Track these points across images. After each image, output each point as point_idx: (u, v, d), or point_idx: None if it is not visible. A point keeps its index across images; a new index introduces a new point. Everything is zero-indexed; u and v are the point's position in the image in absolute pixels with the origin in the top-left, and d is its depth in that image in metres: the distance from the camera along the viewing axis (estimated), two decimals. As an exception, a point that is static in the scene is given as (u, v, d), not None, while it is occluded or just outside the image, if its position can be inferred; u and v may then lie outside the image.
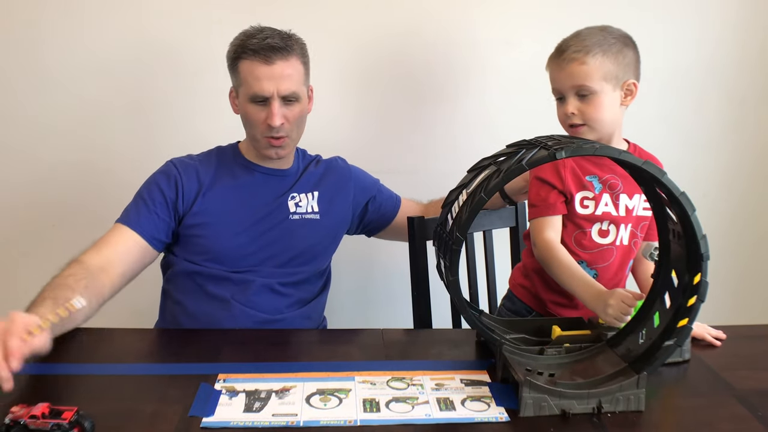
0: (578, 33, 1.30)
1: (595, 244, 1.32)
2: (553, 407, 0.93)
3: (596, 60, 1.25)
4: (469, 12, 1.82)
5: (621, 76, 1.27)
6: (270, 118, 1.35)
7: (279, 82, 1.34)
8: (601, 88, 1.26)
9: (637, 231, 1.35)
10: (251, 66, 1.35)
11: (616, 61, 1.26)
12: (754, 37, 1.89)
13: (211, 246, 1.38)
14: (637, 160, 0.89)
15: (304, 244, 1.44)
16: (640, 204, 1.33)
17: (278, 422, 0.91)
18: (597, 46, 1.26)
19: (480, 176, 0.96)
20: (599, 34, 1.28)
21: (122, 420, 0.90)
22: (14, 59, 1.77)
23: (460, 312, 1.02)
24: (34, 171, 1.84)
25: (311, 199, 1.47)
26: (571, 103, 1.28)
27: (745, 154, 1.97)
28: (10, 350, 0.91)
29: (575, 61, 1.25)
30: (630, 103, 1.33)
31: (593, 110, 1.27)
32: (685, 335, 0.96)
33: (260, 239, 1.41)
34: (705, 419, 0.95)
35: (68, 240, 1.87)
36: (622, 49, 1.28)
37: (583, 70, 1.25)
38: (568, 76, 1.27)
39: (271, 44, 1.34)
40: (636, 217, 1.33)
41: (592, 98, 1.26)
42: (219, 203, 1.40)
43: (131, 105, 1.81)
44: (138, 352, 1.15)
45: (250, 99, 1.36)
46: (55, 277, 1.19)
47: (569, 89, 1.28)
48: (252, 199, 1.42)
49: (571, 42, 1.28)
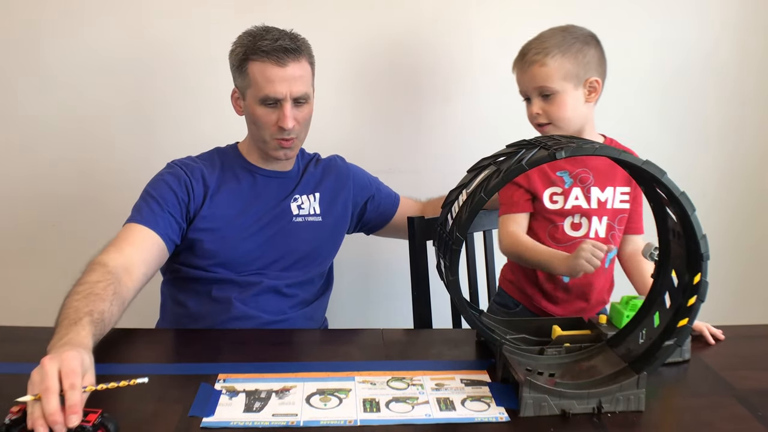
0: (540, 35, 1.35)
1: (568, 237, 1.35)
2: (553, 407, 0.93)
3: (555, 61, 1.29)
4: (468, 12, 1.82)
5: (582, 74, 1.31)
6: (282, 120, 1.33)
7: (291, 83, 1.33)
8: (562, 88, 1.30)
9: (614, 224, 1.37)
10: (263, 68, 1.32)
11: (575, 61, 1.30)
12: (754, 36, 1.89)
13: (218, 251, 1.36)
14: (637, 160, 0.89)
15: (308, 247, 1.44)
16: (616, 197, 1.36)
17: (278, 422, 0.91)
18: (556, 47, 1.30)
19: (480, 176, 0.96)
20: (559, 35, 1.32)
21: (122, 420, 0.90)
22: (14, 59, 1.77)
23: (460, 312, 1.02)
24: (34, 170, 1.84)
25: (313, 200, 1.47)
26: (535, 104, 1.33)
27: (745, 154, 1.97)
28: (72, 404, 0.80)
29: (535, 64, 1.31)
30: (595, 100, 1.35)
31: (556, 109, 1.31)
32: (685, 335, 0.96)
33: (266, 244, 1.40)
34: (705, 419, 0.95)
35: (68, 239, 1.89)
36: (582, 48, 1.31)
37: (543, 72, 1.30)
38: (530, 78, 1.32)
39: (284, 46, 1.32)
40: (612, 210, 1.36)
41: (555, 98, 1.31)
42: (225, 208, 1.38)
43: (131, 104, 1.81)
44: (138, 352, 1.15)
45: (261, 101, 1.34)
46: (81, 283, 1.09)
47: (533, 90, 1.33)
48: (256, 203, 1.41)
49: (532, 45, 1.33)
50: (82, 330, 0.97)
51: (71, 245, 1.89)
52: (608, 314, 1.16)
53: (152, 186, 1.37)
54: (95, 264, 1.15)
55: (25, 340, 1.17)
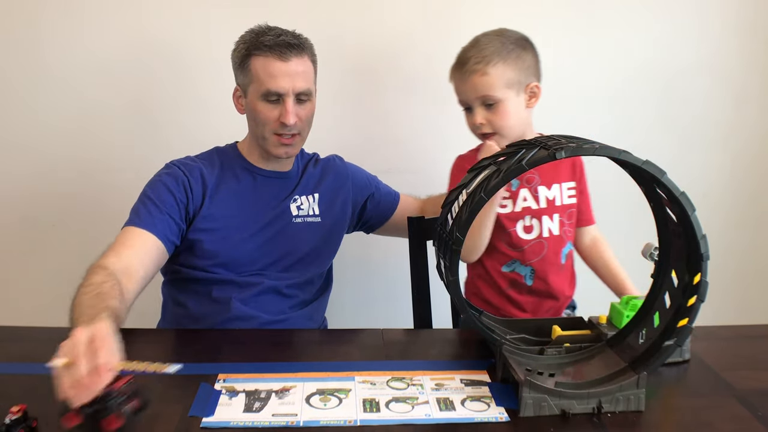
0: (476, 42, 1.31)
1: (523, 241, 1.34)
2: (553, 407, 0.93)
3: (497, 69, 1.27)
4: (467, 12, 1.82)
5: (523, 80, 1.30)
6: (284, 116, 1.32)
7: (294, 79, 1.32)
8: (505, 96, 1.28)
9: (565, 219, 1.36)
10: (265, 62, 1.32)
11: (516, 67, 1.28)
12: (754, 36, 1.89)
13: (218, 252, 1.36)
14: (637, 160, 0.89)
15: (308, 247, 1.44)
16: (563, 192, 1.36)
17: (278, 422, 0.91)
18: (496, 54, 1.27)
19: (480, 176, 0.96)
20: (497, 40, 1.29)
21: (122, 420, 0.90)
22: (14, 58, 1.77)
23: (460, 312, 1.02)
24: (34, 170, 1.84)
25: (312, 201, 1.47)
26: (478, 114, 1.30)
27: (745, 154, 1.97)
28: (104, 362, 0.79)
29: (477, 73, 1.28)
30: (535, 105, 1.34)
31: (500, 118, 1.29)
32: (685, 335, 0.96)
33: (266, 245, 1.40)
34: (705, 419, 0.95)
35: (68, 239, 1.89)
36: (521, 54, 1.29)
37: (486, 81, 1.28)
38: (471, 87, 1.29)
39: (286, 41, 1.32)
40: (561, 207, 1.36)
41: (498, 107, 1.29)
42: (224, 208, 1.38)
43: (131, 104, 1.81)
44: (138, 352, 1.15)
45: (263, 96, 1.33)
46: (87, 285, 1.07)
47: (474, 100, 1.30)
48: (256, 203, 1.41)
49: (471, 53, 1.30)
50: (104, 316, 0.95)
51: (71, 245, 1.89)
52: (608, 314, 1.16)
53: (150, 187, 1.35)
54: (96, 267, 1.14)
55: (26, 340, 1.17)
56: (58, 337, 1.16)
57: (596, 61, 1.87)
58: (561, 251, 1.37)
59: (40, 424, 0.86)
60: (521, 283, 1.36)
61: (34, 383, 0.99)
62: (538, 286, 1.37)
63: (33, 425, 0.85)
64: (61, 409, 0.79)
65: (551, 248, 1.35)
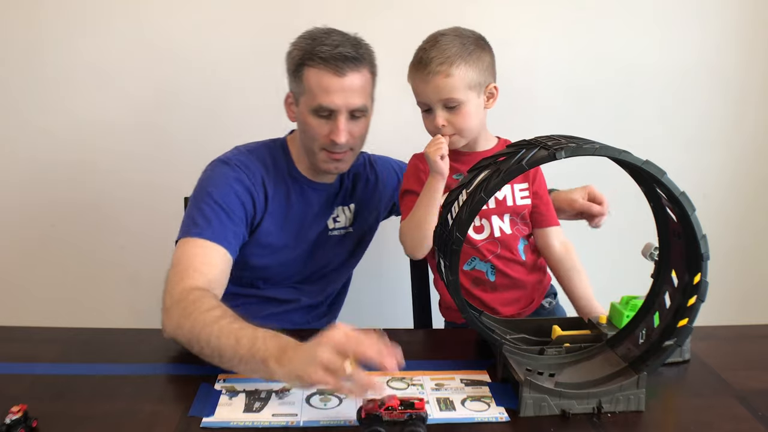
0: (436, 41, 1.25)
1: (475, 241, 1.32)
2: (553, 407, 0.93)
3: (460, 71, 1.23)
4: (466, 12, 1.82)
5: (483, 81, 1.27)
6: (335, 133, 1.25)
7: (348, 95, 1.24)
8: (468, 98, 1.25)
9: (517, 219, 1.34)
10: (319, 76, 1.23)
11: (477, 68, 1.25)
12: (754, 36, 1.89)
13: (266, 266, 1.31)
14: (637, 160, 0.89)
15: (341, 259, 1.42)
16: (515, 194, 1.33)
17: (278, 422, 0.91)
18: (458, 56, 1.23)
19: (480, 176, 0.96)
20: (458, 41, 1.25)
21: (122, 420, 0.90)
22: (13, 61, 1.77)
23: (460, 312, 1.02)
24: (34, 170, 1.84)
25: (348, 213, 1.42)
26: (440, 116, 1.26)
27: (745, 154, 1.97)
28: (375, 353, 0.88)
29: (440, 74, 1.23)
30: (493, 106, 1.32)
31: (462, 120, 1.26)
32: (685, 335, 0.96)
33: (303, 259, 1.36)
34: (705, 419, 0.95)
35: (68, 239, 1.89)
36: (481, 55, 1.27)
37: (449, 83, 1.23)
38: (434, 89, 1.24)
39: (343, 53, 1.22)
40: (512, 207, 1.33)
41: (460, 108, 1.25)
42: (275, 222, 1.32)
43: (131, 104, 1.81)
44: (138, 352, 1.15)
45: (314, 111, 1.25)
46: (207, 310, 1.02)
47: (437, 102, 1.26)
48: (302, 218, 1.36)
49: (433, 53, 1.24)
50: (267, 333, 0.96)
51: (71, 245, 1.89)
52: (608, 314, 1.16)
53: (216, 189, 1.25)
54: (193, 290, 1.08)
55: (25, 340, 1.17)
56: (58, 337, 1.17)
57: (596, 61, 1.87)
58: (517, 248, 1.35)
59: (40, 424, 0.86)
60: (485, 280, 1.34)
61: (34, 383, 0.99)
62: (501, 282, 1.34)
63: (33, 425, 0.85)
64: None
65: (505, 246, 1.33)
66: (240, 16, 1.76)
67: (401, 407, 0.87)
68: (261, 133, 1.43)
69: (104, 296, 1.93)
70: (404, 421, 0.86)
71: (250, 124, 1.76)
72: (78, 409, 0.92)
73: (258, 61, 1.76)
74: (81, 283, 1.92)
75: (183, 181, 1.44)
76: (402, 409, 0.87)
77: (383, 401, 0.87)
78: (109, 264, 1.91)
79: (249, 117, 1.79)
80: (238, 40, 1.77)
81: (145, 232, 1.85)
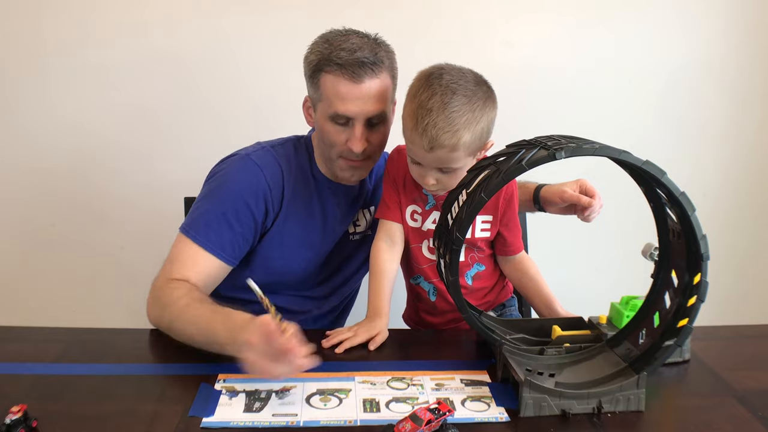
0: (444, 106, 1.11)
1: (426, 259, 1.30)
2: (553, 407, 0.93)
3: (465, 143, 1.13)
4: (465, 12, 1.82)
5: (482, 144, 1.19)
6: (352, 141, 1.21)
7: (366, 103, 1.19)
8: (466, 162, 1.17)
9: (473, 248, 1.30)
10: (335, 82, 1.18)
11: (480, 136, 1.15)
12: (754, 37, 1.89)
13: (279, 269, 1.30)
14: (637, 160, 0.89)
15: (358, 262, 1.42)
16: (476, 226, 1.27)
17: (278, 422, 0.91)
18: (466, 128, 1.12)
19: (480, 176, 0.96)
20: (467, 106, 1.12)
21: (122, 420, 0.90)
22: (14, 58, 1.77)
23: (460, 312, 1.02)
24: (34, 170, 1.84)
25: (369, 215, 1.41)
26: (431, 176, 1.18)
27: (745, 155, 1.97)
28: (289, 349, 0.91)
29: (445, 148, 1.12)
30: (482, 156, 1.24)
31: (454, 181, 1.14)
32: (685, 335, 0.96)
33: (323, 262, 1.35)
34: (705, 419, 0.95)
35: (68, 239, 1.89)
36: (489, 115, 1.16)
37: (453, 156, 1.14)
38: (434, 158, 1.15)
39: (361, 59, 1.17)
40: (469, 239, 1.27)
41: (456, 172, 1.17)
42: (295, 225, 1.30)
43: (130, 105, 1.82)
44: (138, 352, 1.15)
45: (331, 117, 1.21)
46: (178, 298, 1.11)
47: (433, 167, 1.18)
48: (323, 221, 1.33)
49: (439, 122, 1.11)
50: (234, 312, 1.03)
51: (71, 245, 1.89)
52: (608, 314, 1.16)
53: (228, 197, 1.23)
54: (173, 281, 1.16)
55: (26, 340, 1.17)
56: (58, 337, 1.17)
57: (596, 61, 1.87)
58: (465, 274, 1.31)
59: (40, 424, 0.86)
60: (425, 298, 1.33)
61: (34, 383, 0.99)
62: (441, 305, 1.32)
63: (33, 425, 0.85)
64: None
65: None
66: (240, 17, 1.76)
67: (433, 415, 0.86)
68: (261, 133, 1.43)
69: (104, 296, 1.93)
70: (441, 427, 0.87)
71: (250, 125, 1.77)
72: (78, 409, 0.92)
73: (258, 61, 1.76)
74: (81, 283, 1.92)
75: (183, 181, 1.44)
76: (436, 417, 0.86)
77: (419, 418, 0.85)
78: (109, 264, 1.92)
79: (250, 118, 1.79)
80: (238, 40, 1.78)
81: (145, 233, 1.85)
